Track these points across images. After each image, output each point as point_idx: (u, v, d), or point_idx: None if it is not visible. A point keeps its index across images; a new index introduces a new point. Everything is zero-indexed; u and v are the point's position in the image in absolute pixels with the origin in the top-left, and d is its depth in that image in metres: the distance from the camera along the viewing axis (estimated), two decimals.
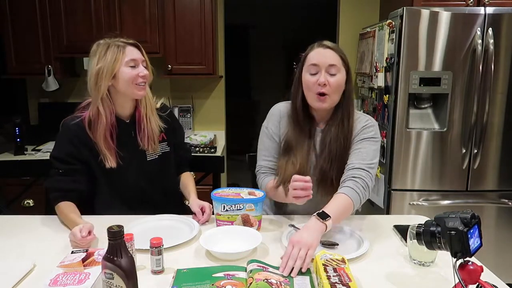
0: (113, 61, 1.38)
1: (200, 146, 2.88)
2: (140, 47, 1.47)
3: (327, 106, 1.39)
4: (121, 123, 1.49)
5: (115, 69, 1.39)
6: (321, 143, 1.44)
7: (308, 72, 1.38)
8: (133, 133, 1.52)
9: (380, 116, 2.54)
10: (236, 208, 1.32)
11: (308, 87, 1.38)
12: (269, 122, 1.53)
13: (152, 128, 1.52)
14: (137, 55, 1.43)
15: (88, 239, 1.19)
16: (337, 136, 1.40)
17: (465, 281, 0.83)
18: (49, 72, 2.78)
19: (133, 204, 1.54)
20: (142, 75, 1.42)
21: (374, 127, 1.45)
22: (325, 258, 1.03)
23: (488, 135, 2.32)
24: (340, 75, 1.36)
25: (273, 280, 0.95)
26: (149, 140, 1.52)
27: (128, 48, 1.42)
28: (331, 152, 1.40)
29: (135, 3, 2.71)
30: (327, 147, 1.41)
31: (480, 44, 2.21)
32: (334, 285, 0.90)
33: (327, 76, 1.34)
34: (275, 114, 1.52)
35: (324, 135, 1.43)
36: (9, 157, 2.64)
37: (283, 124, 1.49)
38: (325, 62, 1.34)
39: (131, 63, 1.41)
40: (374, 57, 2.58)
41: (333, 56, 1.35)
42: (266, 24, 5.38)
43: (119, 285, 0.84)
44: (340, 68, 1.36)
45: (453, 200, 2.38)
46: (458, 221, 0.84)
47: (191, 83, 3.15)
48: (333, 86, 1.35)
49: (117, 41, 1.42)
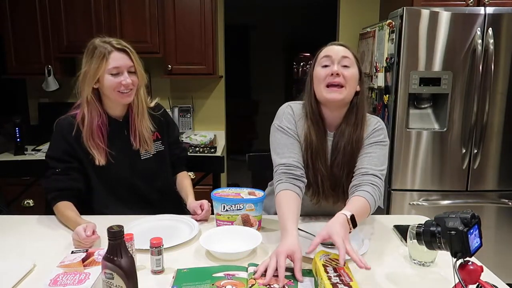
0: (96, 68, 1.39)
1: (200, 146, 2.88)
2: (129, 52, 1.43)
3: (341, 98, 1.28)
4: (112, 122, 1.50)
5: (97, 76, 1.40)
6: (333, 148, 1.35)
7: (320, 65, 1.31)
8: (125, 132, 1.52)
9: (380, 116, 2.54)
10: (236, 208, 1.32)
11: (319, 79, 1.29)
12: (282, 120, 1.37)
13: (144, 128, 1.53)
14: (121, 62, 1.41)
15: (93, 238, 1.19)
16: (350, 140, 1.32)
17: (465, 281, 0.83)
18: (49, 72, 2.78)
19: (129, 202, 1.54)
20: (125, 84, 1.41)
21: (383, 130, 1.38)
22: (324, 258, 1.03)
23: (488, 135, 2.33)
24: (354, 69, 1.30)
25: (276, 285, 0.95)
26: (141, 141, 1.53)
27: (113, 55, 1.39)
28: (344, 157, 1.33)
29: (135, 3, 2.71)
30: (341, 152, 1.33)
31: (480, 44, 2.21)
32: (336, 285, 0.90)
33: (340, 68, 1.27)
34: (289, 114, 1.38)
35: (337, 140, 1.35)
36: (9, 157, 2.65)
37: (300, 125, 1.37)
38: (338, 53, 1.29)
39: (114, 71, 1.40)
40: (374, 57, 2.58)
41: (346, 50, 1.31)
42: (266, 24, 5.38)
43: (119, 285, 0.84)
44: (353, 62, 1.30)
45: (453, 200, 2.38)
46: (458, 221, 0.84)
47: (191, 83, 3.15)
48: (347, 78, 1.27)
49: (106, 45, 1.40)
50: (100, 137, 1.45)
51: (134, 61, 1.44)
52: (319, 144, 1.34)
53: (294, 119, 1.37)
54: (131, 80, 1.42)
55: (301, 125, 1.37)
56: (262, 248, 1.22)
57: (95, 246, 1.22)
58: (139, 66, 1.47)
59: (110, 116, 1.50)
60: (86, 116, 1.43)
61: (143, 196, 1.57)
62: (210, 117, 3.26)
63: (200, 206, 1.44)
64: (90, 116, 1.43)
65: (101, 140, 1.45)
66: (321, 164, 1.34)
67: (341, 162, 1.34)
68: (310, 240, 1.25)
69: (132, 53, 1.45)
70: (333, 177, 1.36)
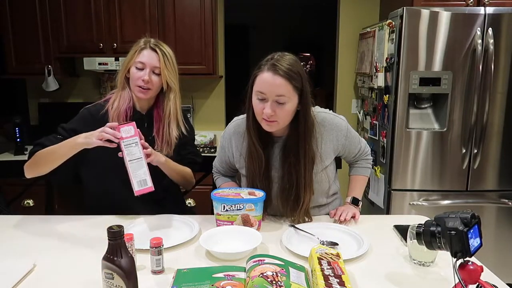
0: (129, 59, 1.51)
1: (200, 146, 2.88)
2: (160, 54, 1.48)
3: (276, 129, 1.35)
4: (136, 113, 1.55)
5: (128, 65, 1.51)
6: (281, 153, 1.42)
7: (256, 97, 1.31)
8: (146, 125, 1.56)
9: (380, 116, 2.54)
10: (236, 208, 1.32)
11: (256, 111, 1.32)
12: (223, 139, 1.55)
13: (170, 134, 1.55)
14: (148, 60, 1.48)
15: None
16: (294, 153, 1.36)
17: (465, 281, 0.83)
18: (49, 72, 2.78)
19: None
20: (144, 79, 1.46)
21: (351, 130, 1.48)
22: (320, 252, 1.04)
23: (488, 135, 2.33)
24: (290, 103, 1.28)
25: (269, 272, 0.95)
26: (164, 143, 1.55)
27: (145, 51, 1.48)
28: (291, 164, 1.37)
29: (135, 3, 2.71)
30: (285, 166, 1.39)
31: (480, 44, 2.21)
32: (327, 277, 0.92)
33: (274, 106, 1.27)
34: (226, 133, 1.53)
35: (282, 147, 1.41)
36: (9, 157, 2.64)
37: (233, 142, 1.50)
38: (273, 92, 1.25)
39: (139, 65, 1.48)
40: (374, 57, 2.58)
41: (282, 85, 1.25)
42: (266, 24, 5.37)
43: (119, 285, 0.84)
44: (289, 97, 1.27)
45: (453, 200, 2.38)
46: (458, 221, 0.84)
47: (191, 83, 3.15)
48: (280, 116, 1.29)
49: (144, 43, 1.51)
50: (124, 120, 1.49)
51: (161, 63, 1.48)
52: (254, 151, 1.40)
53: (230, 137, 1.51)
54: (150, 78, 1.47)
55: (236, 140, 1.50)
56: (262, 248, 1.22)
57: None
58: (166, 71, 1.49)
59: (135, 107, 1.56)
60: (117, 99, 1.52)
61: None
62: (210, 117, 3.26)
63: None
64: (120, 99, 1.52)
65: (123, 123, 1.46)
66: (274, 171, 1.44)
67: (288, 170, 1.38)
68: (309, 238, 1.28)
69: (164, 56, 1.49)
70: (282, 180, 1.41)
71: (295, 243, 1.25)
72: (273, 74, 1.25)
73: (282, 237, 1.26)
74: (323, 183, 1.48)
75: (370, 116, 2.75)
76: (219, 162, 1.64)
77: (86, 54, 2.74)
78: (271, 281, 0.91)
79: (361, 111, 3.01)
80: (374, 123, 2.66)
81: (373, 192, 2.65)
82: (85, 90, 3.16)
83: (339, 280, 0.91)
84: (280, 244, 1.25)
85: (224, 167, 1.63)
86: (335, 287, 0.89)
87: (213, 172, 1.70)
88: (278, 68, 1.25)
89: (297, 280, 0.94)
